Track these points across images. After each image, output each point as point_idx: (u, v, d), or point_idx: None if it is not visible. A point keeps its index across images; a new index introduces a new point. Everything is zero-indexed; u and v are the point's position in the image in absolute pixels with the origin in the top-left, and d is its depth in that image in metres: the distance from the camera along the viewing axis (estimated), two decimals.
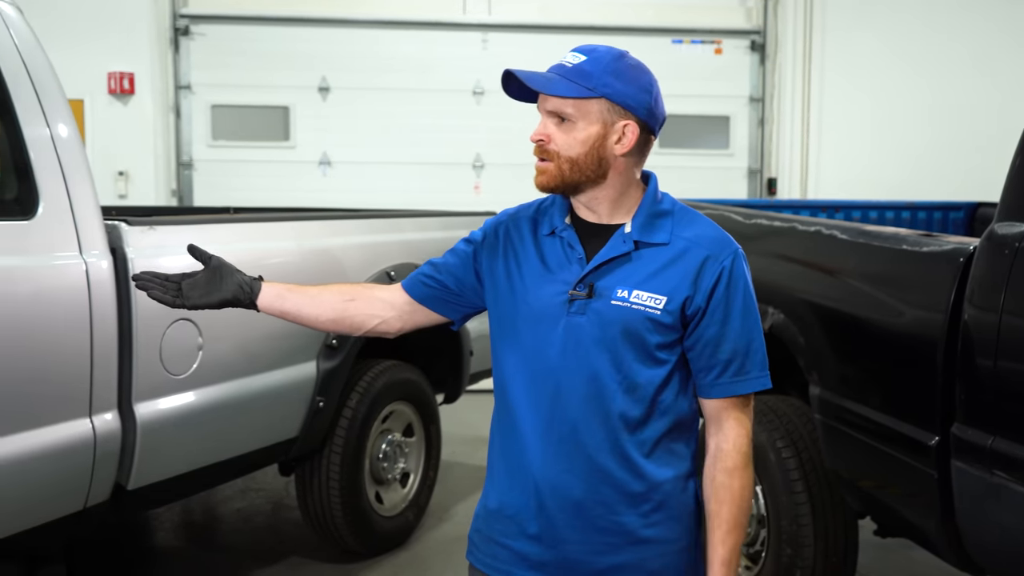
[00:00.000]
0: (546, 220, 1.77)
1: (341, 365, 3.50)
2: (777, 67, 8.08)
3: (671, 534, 1.72)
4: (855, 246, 2.87)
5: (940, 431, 2.36)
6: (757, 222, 3.47)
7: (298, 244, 3.48)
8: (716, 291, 1.66)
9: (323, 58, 7.95)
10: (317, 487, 3.63)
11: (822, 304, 2.93)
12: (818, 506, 2.95)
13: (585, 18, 7.94)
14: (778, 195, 8.07)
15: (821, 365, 2.89)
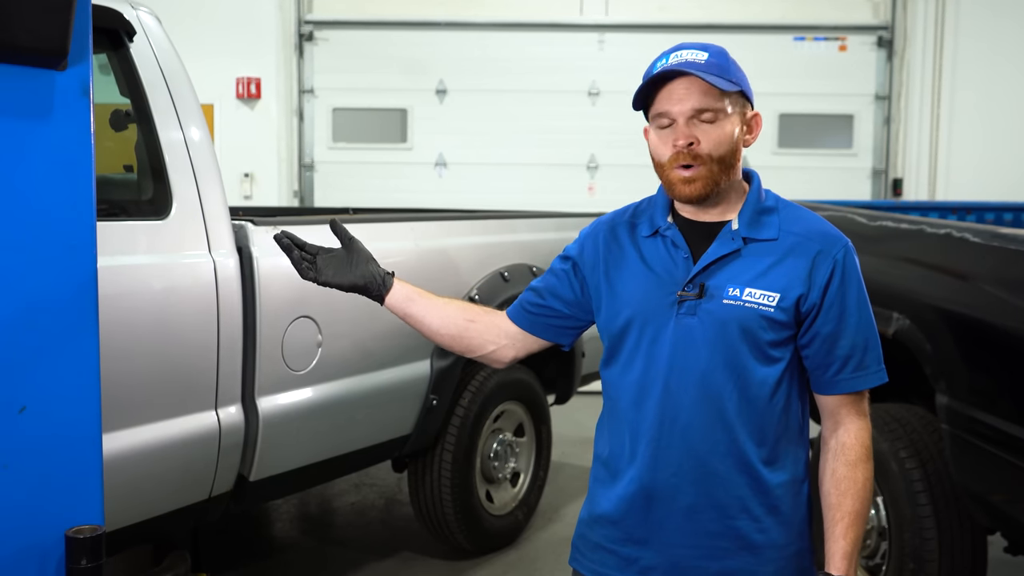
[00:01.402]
0: (645, 221, 1.74)
1: (454, 364, 3.54)
2: (905, 64, 7.79)
3: (783, 539, 1.69)
4: (989, 249, 2.73)
5: None
6: (882, 224, 3.35)
7: (415, 244, 3.53)
8: (831, 286, 1.64)
9: (440, 61, 8.07)
10: (429, 484, 3.69)
11: (951, 310, 2.81)
12: (943, 520, 2.83)
13: (703, 16, 7.82)
14: (904, 196, 7.77)
15: (950, 373, 2.77)
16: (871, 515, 3.08)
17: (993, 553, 3.00)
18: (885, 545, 3.02)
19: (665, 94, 1.63)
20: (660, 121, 1.65)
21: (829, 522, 1.68)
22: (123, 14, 2.63)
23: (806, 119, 7.94)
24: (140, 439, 2.49)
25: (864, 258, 3.46)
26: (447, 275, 3.60)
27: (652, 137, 1.69)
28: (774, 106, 7.88)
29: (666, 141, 1.64)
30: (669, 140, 1.63)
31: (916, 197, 7.73)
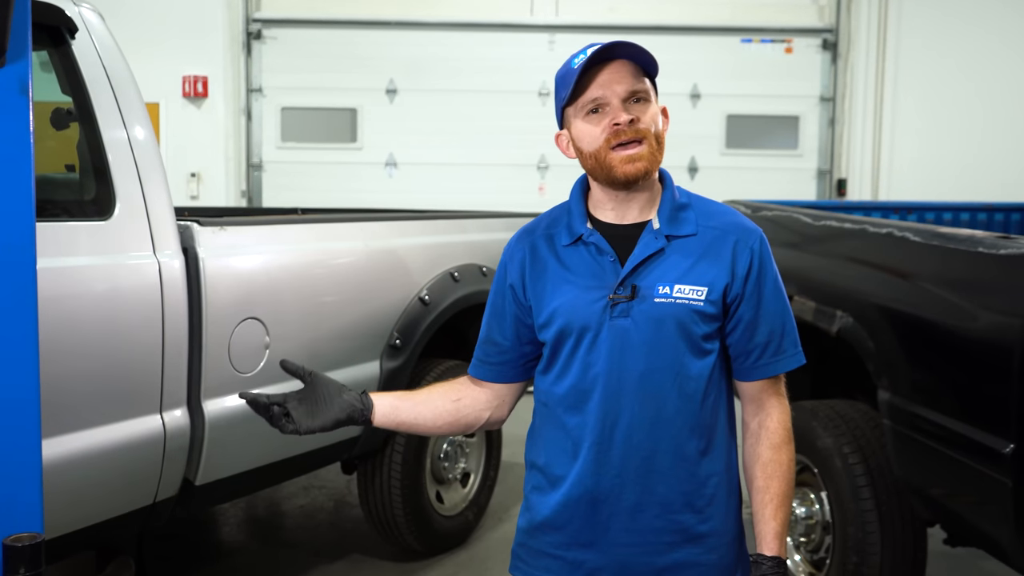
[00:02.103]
0: (562, 231, 1.73)
1: (404, 364, 3.52)
2: (849, 66, 7.94)
3: (723, 526, 1.73)
4: (929, 248, 2.79)
5: (1016, 438, 2.29)
6: (826, 224, 3.41)
7: (365, 244, 3.52)
8: (751, 276, 1.68)
9: (391, 60, 8.05)
10: (379, 485, 3.67)
11: (893, 308, 2.86)
12: (886, 514, 2.88)
13: (652, 18, 7.90)
14: (848, 196, 7.92)
15: (892, 370, 2.82)
16: (815, 510, 3.13)
17: (933, 545, 3.07)
18: (829, 539, 3.07)
19: (596, 82, 1.64)
20: (589, 108, 1.65)
21: (758, 504, 1.71)
22: (64, 10, 2.58)
23: (753, 120, 8.05)
24: (82, 444, 2.44)
25: (807, 257, 3.54)
26: (397, 276, 3.59)
27: (579, 127, 1.67)
28: (722, 107, 7.98)
29: (599, 125, 1.65)
30: (603, 123, 1.64)
31: (860, 197, 7.89)
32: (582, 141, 1.67)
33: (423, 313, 3.61)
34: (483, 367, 1.85)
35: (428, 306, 3.63)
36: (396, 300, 3.55)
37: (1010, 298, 2.35)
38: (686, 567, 1.70)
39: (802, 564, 3.24)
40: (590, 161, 1.68)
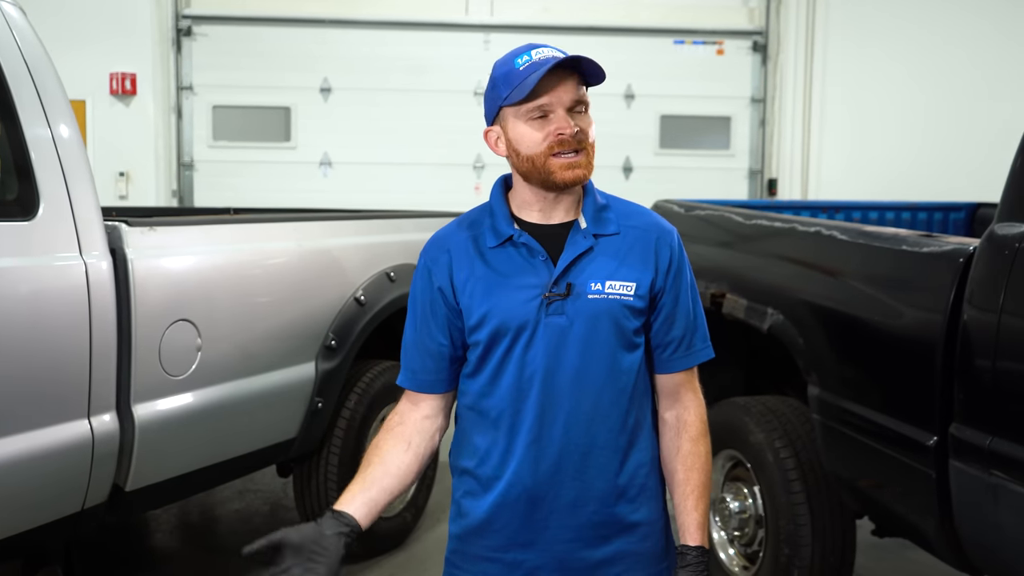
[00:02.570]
0: (486, 233, 1.72)
1: (340, 366, 3.50)
2: (779, 68, 8.09)
3: (652, 515, 1.77)
4: (855, 247, 2.86)
5: (939, 431, 2.36)
6: (757, 223, 3.47)
7: (298, 245, 3.48)
8: (671, 272, 1.75)
9: (325, 59, 7.98)
10: (315, 488, 3.63)
11: (822, 305, 2.93)
12: (816, 506, 2.95)
13: (587, 19, 7.95)
14: (779, 196, 8.07)
15: (820, 366, 2.89)
16: (748, 504, 3.19)
17: (861, 536, 3.15)
18: (762, 532, 3.13)
19: (545, 88, 1.64)
20: (534, 113, 1.66)
21: (680, 496, 1.76)
22: None
23: (686, 120, 8.16)
24: (6, 450, 2.37)
25: (739, 255, 3.59)
26: (331, 276, 3.56)
27: (519, 130, 1.67)
28: (656, 108, 8.08)
29: (543, 131, 1.66)
30: (547, 129, 1.65)
31: (790, 196, 8.04)
32: (521, 144, 1.68)
33: (359, 314, 3.58)
34: (422, 378, 1.79)
35: (364, 306, 3.61)
36: (331, 301, 3.52)
37: (932, 295, 2.42)
38: (622, 557, 1.74)
39: (736, 557, 3.30)
40: (527, 164, 1.68)
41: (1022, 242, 2.18)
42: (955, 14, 7.99)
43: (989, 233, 2.30)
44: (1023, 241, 2.18)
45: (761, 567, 3.10)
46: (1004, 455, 2.14)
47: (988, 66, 7.96)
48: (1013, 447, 2.13)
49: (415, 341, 1.79)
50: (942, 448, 2.35)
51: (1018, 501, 2.11)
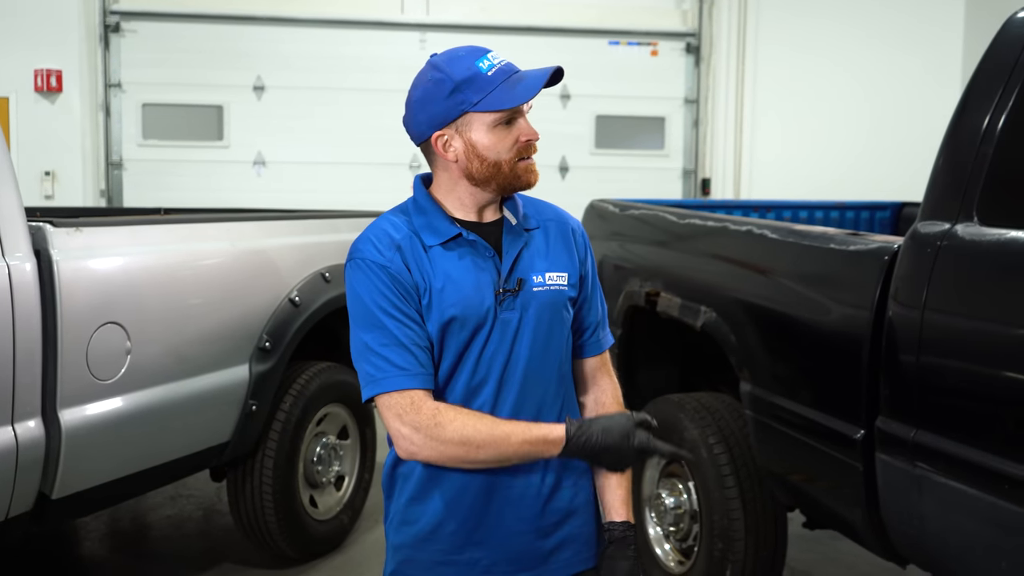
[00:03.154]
0: (428, 232, 1.70)
1: (274, 368, 3.45)
2: (711, 69, 8.20)
3: (590, 496, 1.82)
4: (785, 245, 2.92)
5: (865, 425, 2.42)
6: (690, 222, 3.52)
7: (232, 245, 3.43)
8: (587, 259, 1.84)
9: (258, 57, 7.87)
10: (249, 492, 3.58)
11: (753, 303, 2.98)
12: (749, 500, 3.00)
13: (523, 19, 7.97)
14: (712, 195, 8.19)
15: (752, 362, 2.94)
16: (683, 500, 3.22)
17: (792, 529, 3.21)
18: (697, 527, 3.17)
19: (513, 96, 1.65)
20: (505, 119, 1.65)
21: (604, 476, 1.80)
22: None
23: (621, 121, 8.23)
24: None
25: (673, 254, 3.64)
26: (266, 277, 3.51)
27: (487, 136, 1.65)
28: (591, 108, 8.13)
29: (510, 137, 1.66)
30: (513, 136, 1.67)
31: (723, 196, 8.16)
32: (490, 151, 1.66)
33: (293, 315, 3.54)
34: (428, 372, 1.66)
35: (299, 307, 3.57)
36: (265, 302, 3.47)
37: (858, 292, 2.48)
38: (569, 542, 1.78)
39: (672, 553, 3.34)
40: (491, 170, 1.67)
41: (943, 240, 2.25)
42: (882, 20, 8.19)
43: (912, 231, 2.37)
44: (944, 239, 2.25)
45: (696, 561, 3.15)
46: (927, 447, 2.20)
47: (914, 70, 8.18)
48: (936, 439, 2.19)
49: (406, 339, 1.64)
50: (869, 441, 2.40)
51: (940, 491, 2.17)
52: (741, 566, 2.98)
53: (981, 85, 2.33)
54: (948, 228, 2.26)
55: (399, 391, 1.62)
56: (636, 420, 1.69)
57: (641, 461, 1.75)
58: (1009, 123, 2.22)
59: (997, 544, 2.05)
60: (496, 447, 1.61)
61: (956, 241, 2.22)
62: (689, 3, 8.26)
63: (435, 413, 1.61)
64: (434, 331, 1.68)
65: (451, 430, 1.60)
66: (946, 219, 2.28)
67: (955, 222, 2.26)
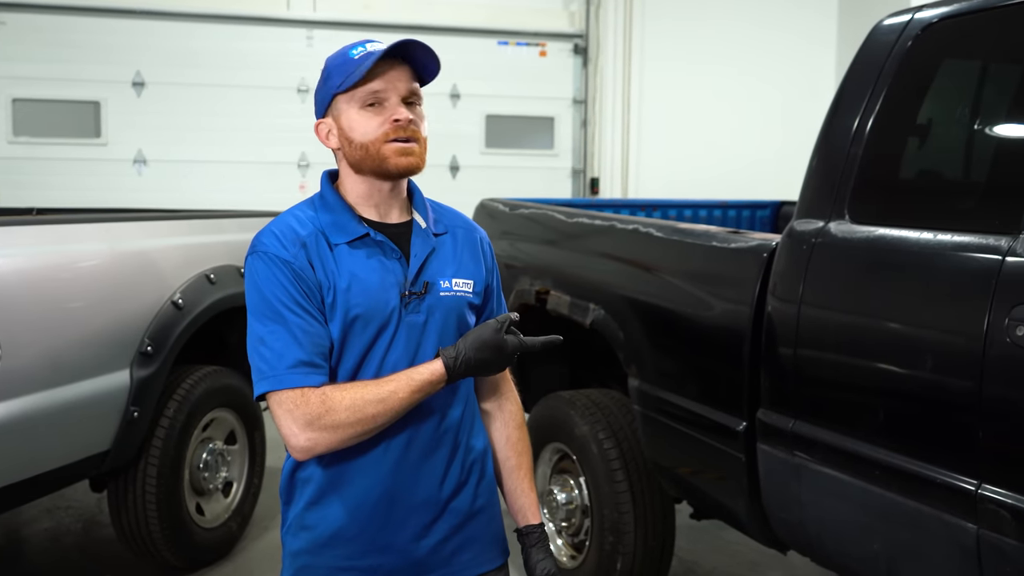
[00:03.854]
0: (334, 230, 1.68)
1: (157, 373, 3.35)
2: (599, 70, 8.32)
3: (493, 497, 1.83)
4: (669, 243, 2.99)
5: (747, 417, 2.50)
6: (579, 221, 3.57)
7: (110, 247, 3.31)
8: (494, 269, 1.86)
9: (137, 52, 7.60)
10: (132, 502, 3.46)
11: (640, 300, 3.04)
12: (638, 494, 3.06)
13: (412, 17, 7.93)
14: (601, 194, 8.31)
15: (640, 358, 3.00)
16: (575, 495, 3.27)
17: (680, 520, 3.29)
18: (588, 522, 3.22)
19: (379, 76, 1.65)
20: (368, 100, 1.66)
21: (515, 481, 1.86)
22: None
23: (511, 120, 8.28)
24: None
25: (562, 253, 3.68)
26: (147, 279, 3.40)
27: (353, 117, 1.66)
28: (481, 107, 8.15)
29: (378, 118, 1.65)
30: (381, 117, 1.65)
31: (612, 195, 8.30)
32: (355, 131, 1.66)
33: (177, 318, 3.44)
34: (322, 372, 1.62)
35: (182, 310, 3.47)
36: (147, 305, 3.36)
37: (739, 288, 2.56)
38: (470, 543, 1.78)
39: (564, 548, 3.38)
40: (359, 152, 1.67)
41: (818, 237, 2.34)
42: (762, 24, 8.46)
43: (789, 229, 2.46)
44: (818, 237, 2.34)
45: (588, 555, 3.19)
46: (805, 437, 2.29)
47: (793, 71, 8.47)
48: (812, 429, 2.28)
49: (304, 334, 1.60)
50: (751, 433, 2.49)
51: (817, 479, 2.27)
52: (631, 558, 3.04)
53: (851, 89, 2.44)
54: (822, 226, 2.36)
55: (290, 388, 1.59)
56: (502, 326, 1.69)
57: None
58: (877, 126, 2.33)
59: (870, 527, 2.15)
60: (388, 409, 1.60)
61: (829, 239, 2.32)
62: (576, 5, 8.36)
63: (323, 400, 1.58)
64: (337, 331, 1.65)
65: (342, 411, 1.58)
66: (820, 217, 2.38)
67: (828, 220, 2.35)
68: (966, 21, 2.26)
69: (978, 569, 1.87)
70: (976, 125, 2.39)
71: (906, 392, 2.08)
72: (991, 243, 1.91)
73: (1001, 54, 2.36)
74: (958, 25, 2.28)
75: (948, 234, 2.03)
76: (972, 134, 2.38)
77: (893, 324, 2.14)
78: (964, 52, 2.42)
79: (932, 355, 2.00)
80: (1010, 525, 1.79)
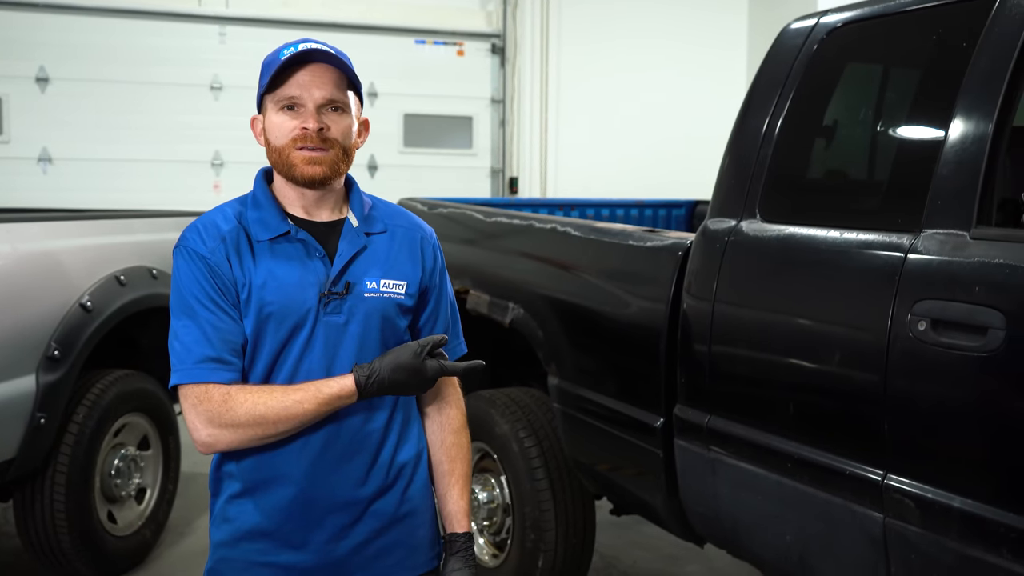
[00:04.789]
0: (258, 227, 1.68)
1: (65, 377, 3.25)
2: (516, 70, 8.36)
3: (421, 505, 1.81)
4: (587, 242, 3.02)
5: (664, 413, 2.54)
6: (497, 220, 3.58)
7: (13, 248, 3.20)
8: (435, 270, 1.82)
9: (41, 46, 7.35)
10: (39, 511, 3.35)
11: (558, 298, 3.06)
12: (558, 491, 3.08)
13: (327, 15, 7.84)
14: (519, 194, 8.35)
15: (559, 356, 3.02)
16: (496, 494, 3.28)
17: (600, 516, 3.33)
18: (510, 520, 3.23)
19: (297, 80, 1.64)
20: (284, 103, 1.65)
21: (445, 487, 1.83)
22: None
23: (429, 120, 8.26)
24: None
25: (481, 252, 3.69)
26: (53, 281, 3.29)
27: (272, 119, 1.67)
28: (399, 106, 8.10)
29: (290, 123, 1.65)
30: (294, 123, 1.64)
31: (531, 194, 8.34)
32: (271, 134, 1.67)
33: (85, 320, 3.35)
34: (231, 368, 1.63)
35: (91, 313, 3.37)
36: (53, 308, 3.26)
37: (655, 286, 2.60)
38: (393, 548, 1.76)
39: (486, 547, 3.38)
40: (275, 155, 1.68)
41: (730, 236, 2.39)
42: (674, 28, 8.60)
43: (703, 228, 2.51)
44: (731, 235, 2.39)
45: (509, 554, 3.21)
46: (720, 431, 2.34)
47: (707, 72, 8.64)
48: (727, 424, 2.33)
49: (213, 330, 1.61)
50: (668, 428, 2.53)
51: (732, 472, 2.32)
52: (553, 555, 3.07)
53: (760, 90, 2.50)
54: (734, 225, 2.41)
55: (196, 383, 1.60)
56: (422, 349, 1.66)
57: None
58: (785, 127, 2.39)
59: (782, 518, 2.21)
60: (292, 416, 1.60)
61: (741, 237, 2.37)
62: (493, 4, 8.38)
63: (225, 398, 1.60)
64: (250, 328, 1.65)
65: (242, 412, 1.59)
66: (732, 216, 2.43)
67: (740, 219, 2.41)
68: (869, 25, 2.34)
69: (885, 556, 1.94)
70: (879, 127, 2.48)
71: (816, 386, 2.14)
72: (894, 241, 1.97)
73: (902, 58, 2.45)
74: (862, 29, 2.36)
75: (854, 232, 2.09)
76: (875, 135, 2.46)
77: (803, 320, 2.20)
78: (867, 56, 2.50)
79: (840, 350, 2.06)
80: (914, 514, 1.85)
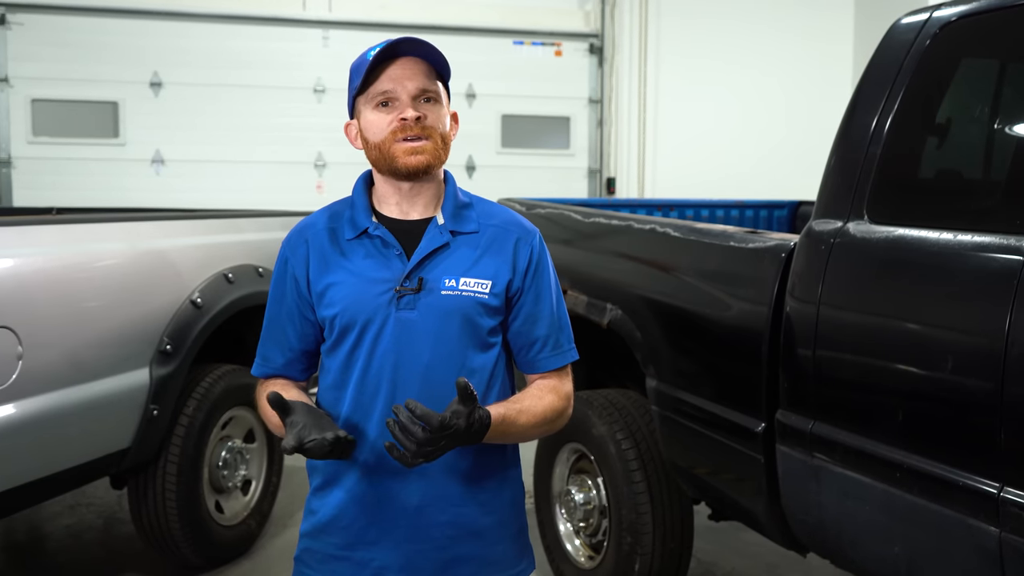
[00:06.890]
0: (345, 225, 1.74)
1: (176, 371, 3.37)
2: (614, 70, 8.32)
3: (506, 518, 1.78)
4: (686, 243, 2.98)
5: (766, 418, 2.49)
6: (595, 221, 3.57)
7: (130, 246, 3.33)
8: (530, 271, 1.77)
9: (155, 52, 7.65)
10: (152, 499, 3.49)
11: (657, 300, 3.04)
12: (656, 495, 3.05)
13: (427, 17, 7.94)
14: (617, 194, 8.30)
15: (657, 359, 2.99)
16: (593, 495, 3.27)
17: (699, 521, 3.29)
18: (606, 522, 3.21)
19: (388, 75, 1.67)
20: (379, 100, 1.68)
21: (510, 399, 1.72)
22: None
23: (527, 120, 8.28)
24: None
25: (579, 253, 3.68)
26: (166, 278, 3.42)
27: (367, 118, 1.70)
28: (496, 107, 8.15)
29: (387, 118, 1.67)
30: (391, 116, 1.67)
31: (628, 195, 8.29)
32: (369, 131, 1.70)
33: (195, 316, 3.46)
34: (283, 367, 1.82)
35: (201, 309, 3.49)
36: (166, 304, 3.39)
37: (757, 288, 2.55)
38: (470, 560, 1.74)
39: (582, 548, 3.38)
40: (375, 152, 1.70)
41: (836, 237, 2.33)
42: (778, 24, 8.44)
43: (807, 229, 2.45)
44: (837, 237, 2.33)
45: (605, 556, 3.19)
46: (824, 438, 2.28)
47: (809, 69, 8.45)
48: (832, 430, 2.27)
49: (269, 331, 1.82)
50: (769, 434, 2.48)
51: (837, 481, 2.26)
52: (649, 559, 3.04)
53: (869, 88, 2.42)
54: (840, 226, 2.35)
55: (259, 377, 1.84)
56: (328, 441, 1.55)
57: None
58: (895, 124, 2.32)
59: (890, 530, 2.14)
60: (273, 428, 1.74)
61: (848, 238, 2.31)
62: (591, 4, 8.36)
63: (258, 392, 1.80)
64: (326, 324, 1.72)
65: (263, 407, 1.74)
66: (838, 217, 2.37)
67: (847, 220, 2.34)
68: (984, 20, 2.25)
69: (1000, 573, 1.86)
70: (996, 124, 2.37)
71: (926, 393, 2.07)
72: (1012, 243, 1.89)
73: (1020, 53, 2.34)
74: (976, 24, 2.27)
75: (968, 234, 2.01)
76: (992, 133, 2.36)
77: (913, 325, 2.13)
78: (982, 51, 2.40)
79: (953, 356, 1.99)
80: None
